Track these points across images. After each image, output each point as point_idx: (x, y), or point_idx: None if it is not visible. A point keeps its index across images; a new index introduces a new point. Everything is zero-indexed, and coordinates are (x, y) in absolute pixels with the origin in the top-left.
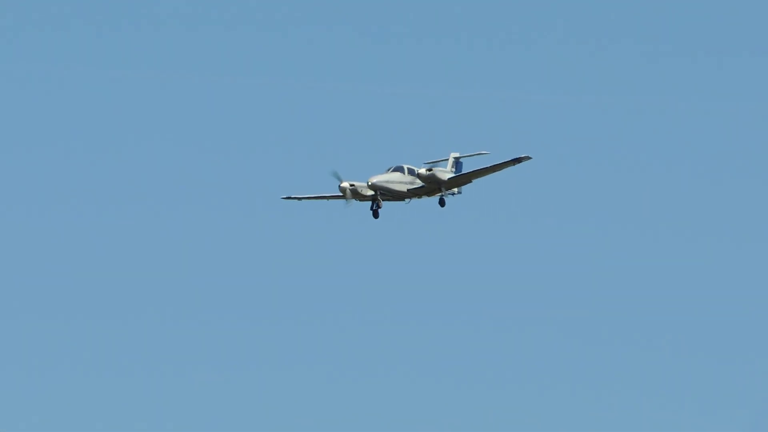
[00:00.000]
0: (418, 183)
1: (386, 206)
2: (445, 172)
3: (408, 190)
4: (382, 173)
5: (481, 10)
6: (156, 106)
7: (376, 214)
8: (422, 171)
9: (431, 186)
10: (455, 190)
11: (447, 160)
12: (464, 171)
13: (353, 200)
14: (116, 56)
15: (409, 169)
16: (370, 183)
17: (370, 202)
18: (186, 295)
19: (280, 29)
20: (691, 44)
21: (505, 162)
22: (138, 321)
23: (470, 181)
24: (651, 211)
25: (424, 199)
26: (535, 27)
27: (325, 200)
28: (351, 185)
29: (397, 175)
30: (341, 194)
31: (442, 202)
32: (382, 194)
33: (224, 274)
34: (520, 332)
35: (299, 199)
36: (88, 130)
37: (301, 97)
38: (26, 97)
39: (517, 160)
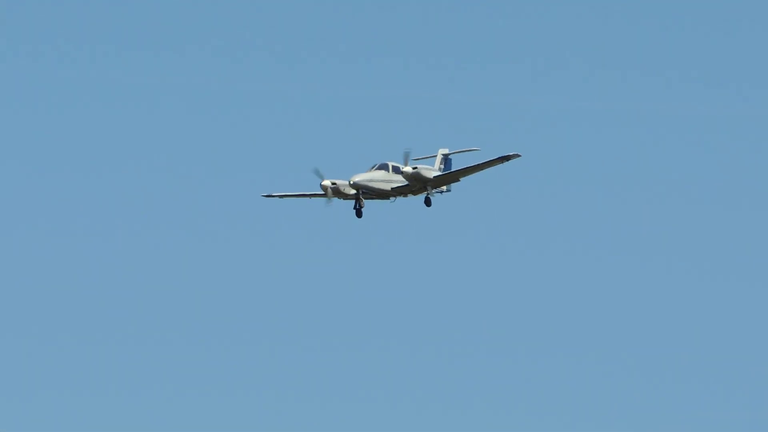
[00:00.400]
0: (403, 181)
1: (370, 205)
2: (431, 170)
3: (392, 188)
4: (364, 171)
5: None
6: (134, 105)
7: (359, 214)
8: (407, 169)
9: (416, 184)
10: (444, 188)
11: (435, 156)
12: (454, 168)
13: (334, 199)
14: (91, 55)
15: (393, 166)
16: (352, 182)
17: (353, 201)
18: (163, 295)
19: (269, 27)
20: (684, 48)
21: (493, 160)
22: (113, 319)
23: (458, 180)
24: (640, 212)
25: (411, 197)
26: (531, 29)
27: (307, 198)
28: (333, 183)
29: (380, 174)
30: (323, 193)
31: (428, 202)
32: (364, 193)
33: (201, 273)
34: (507, 338)
35: (280, 197)
36: (62, 130)
37: (286, 93)
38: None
39: (505, 158)
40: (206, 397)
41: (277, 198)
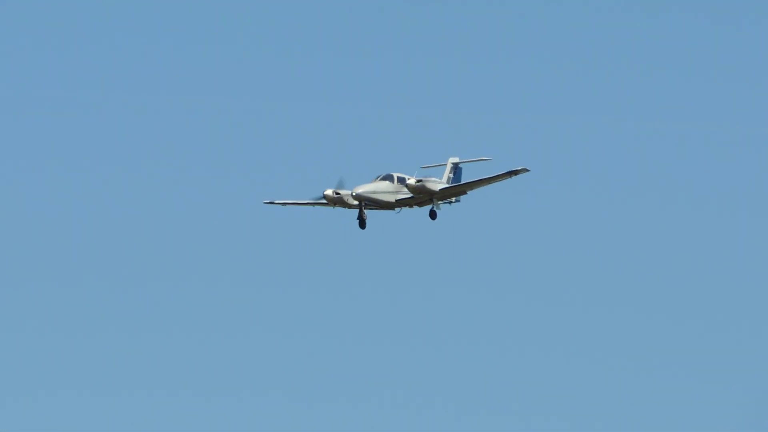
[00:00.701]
0: (408, 193)
1: (375, 216)
2: (437, 183)
3: (396, 200)
4: (369, 182)
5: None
6: (138, 112)
7: (362, 224)
8: (411, 181)
9: (421, 197)
10: (453, 198)
11: (445, 165)
12: (464, 178)
13: (338, 207)
14: (93, 63)
15: (399, 177)
16: (354, 193)
17: (357, 211)
18: (165, 301)
19: (275, 32)
20: (689, 61)
21: (500, 174)
22: (113, 324)
23: (465, 193)
24: (649, 225)
25: (416, 208)
26: (543, 43)
27: (310, 207)
28: (336, 193)
29: (384, 185)
30: (325, 201)
31: (432, 215)
32: (367, 204)
33: (201, 280)
34: (512, 348)
35: (282, 204)
36: (60, 132)
37: (295, 100)
38: None
39: (513, 173)
40: (202, 400)
41: (279, 205)
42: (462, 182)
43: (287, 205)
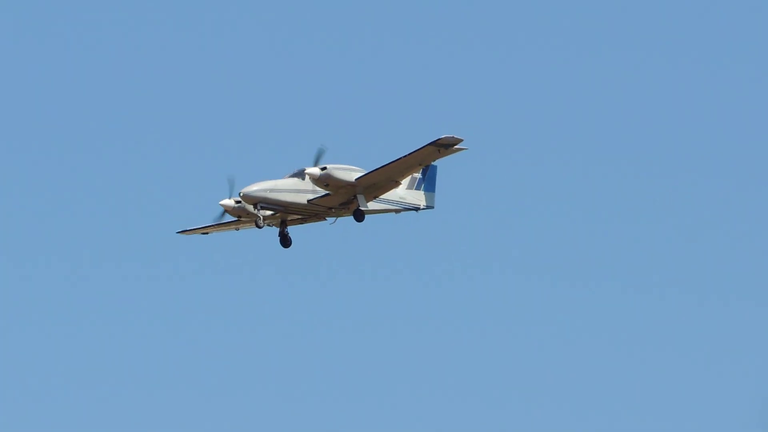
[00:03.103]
0: (321, 191)
1: (303, 230)
2: (352, 171)
3: (309, 201)
4: (267, 180)
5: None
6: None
7: (285, 241)
8: (312, 170)
9: (341, 192)
10: (421, 205)
11: None
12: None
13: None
14: None
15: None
16: (241, 194)
17: (280, 224)
18: (80, 361)
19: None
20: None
21: (425, 147)
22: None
23: (397, 181)
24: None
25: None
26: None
27: (234, 230)
28: (237, 202)
29: (291, 182)
30: (236, 217)
31: (359, 216)
32: (267, 208)
33: (111, 328)
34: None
35: (203, 232)
36: None
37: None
38: None
39: (440, 144)
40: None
41: (199, 234)
42: (379, 166)
43: (209, 233)
